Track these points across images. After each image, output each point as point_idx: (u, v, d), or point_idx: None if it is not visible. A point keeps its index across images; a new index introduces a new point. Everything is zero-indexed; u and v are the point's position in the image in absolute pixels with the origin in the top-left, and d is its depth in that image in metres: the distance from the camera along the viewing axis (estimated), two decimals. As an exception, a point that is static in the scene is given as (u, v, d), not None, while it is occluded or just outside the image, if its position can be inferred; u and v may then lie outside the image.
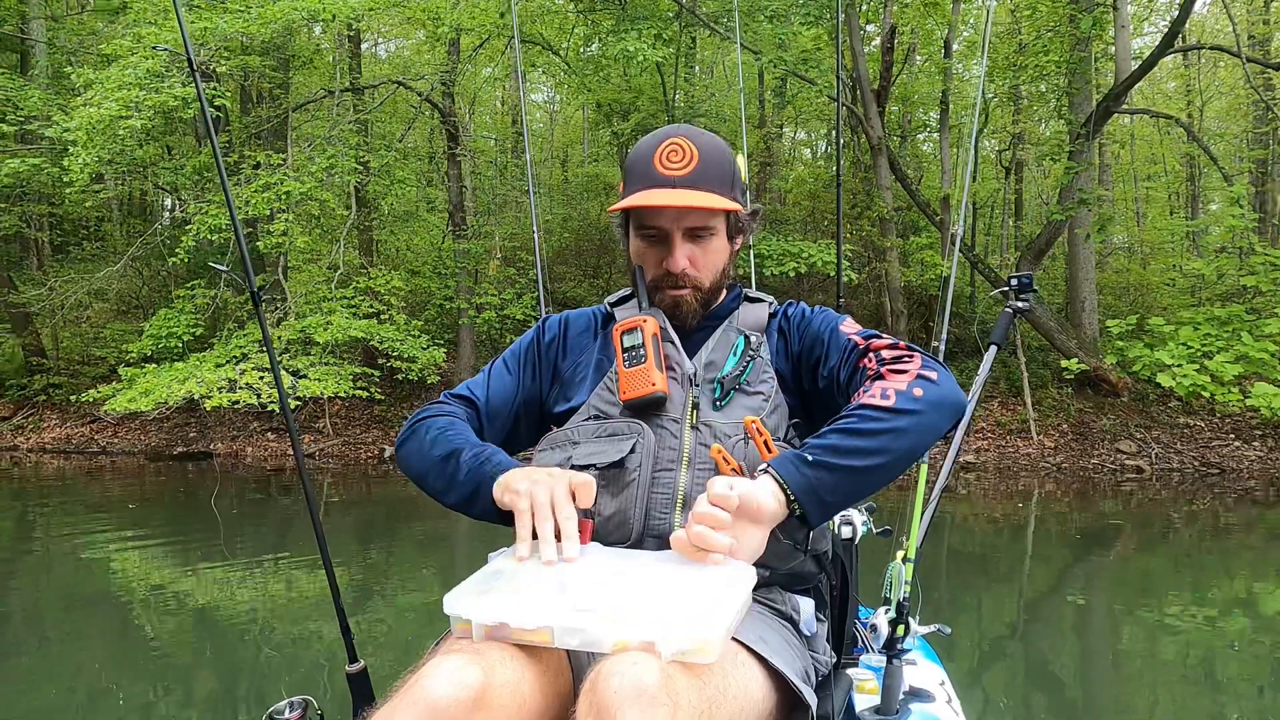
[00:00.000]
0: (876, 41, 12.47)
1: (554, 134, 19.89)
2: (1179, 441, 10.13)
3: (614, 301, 1.49)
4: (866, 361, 1.27)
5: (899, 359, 1.24)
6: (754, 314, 1.44)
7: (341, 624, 1.72)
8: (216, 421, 12.36)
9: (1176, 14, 10.14)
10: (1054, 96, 11.59)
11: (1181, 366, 8.48)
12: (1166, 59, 12.01)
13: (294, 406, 10.33)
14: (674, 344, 1.36)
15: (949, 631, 1.90)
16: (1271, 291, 9.37)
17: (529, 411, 1.46)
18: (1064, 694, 3.67)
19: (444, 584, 1.11)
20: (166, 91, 9.30)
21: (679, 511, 1.26)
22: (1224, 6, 12.34)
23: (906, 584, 1.83)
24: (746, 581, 1.11)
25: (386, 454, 11.11)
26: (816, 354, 1.36)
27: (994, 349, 2.16)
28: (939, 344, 2.25)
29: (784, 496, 1.13)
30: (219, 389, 9.71)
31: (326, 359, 10.45)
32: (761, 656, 1.16)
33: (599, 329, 1.48)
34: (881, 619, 1.81)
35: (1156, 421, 10.42)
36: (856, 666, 1.83)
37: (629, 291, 1.47)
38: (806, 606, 1.34)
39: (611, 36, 10.11)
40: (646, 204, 1.30)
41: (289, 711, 1.35)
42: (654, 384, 1.28)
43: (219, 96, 10.65)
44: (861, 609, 1.93)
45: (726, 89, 15.28)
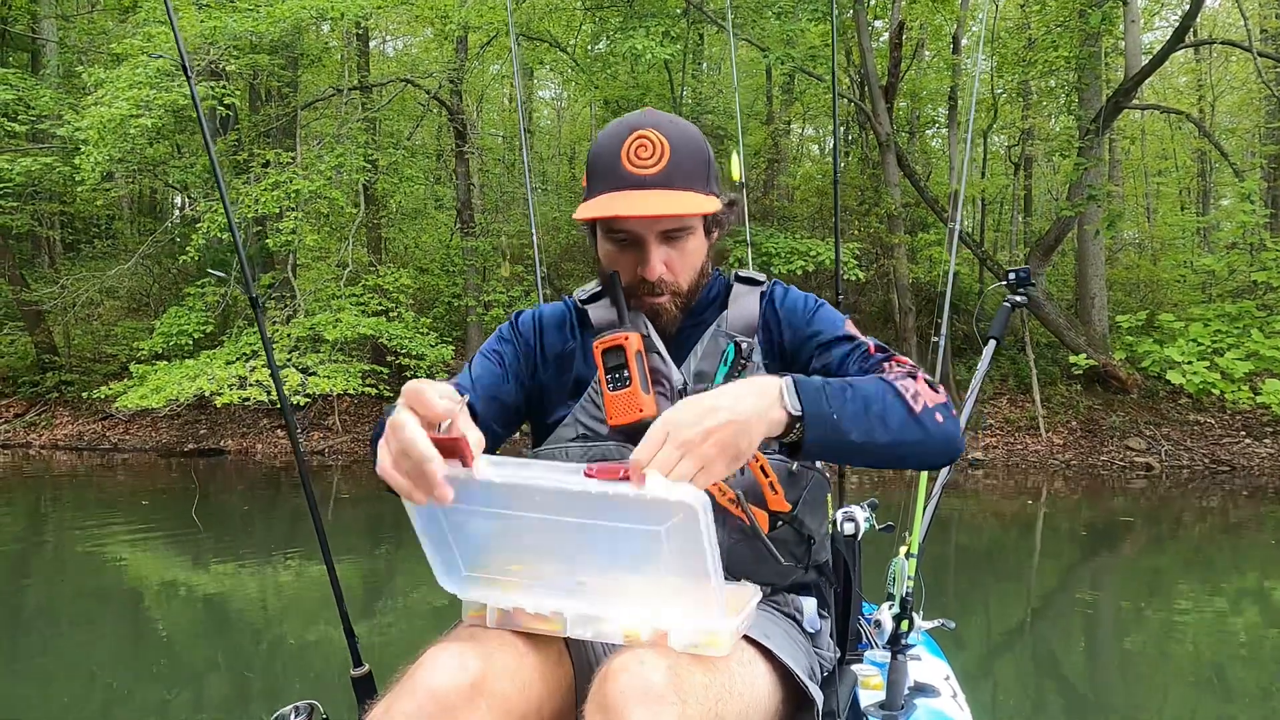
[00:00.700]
0: (885, 37, 12.42)
1: (561, 131, 19.89)
2: (1189, 439, 10.08)
3: (585, 299, 1.39)
4: (889, 368, 1.19)
5: (931, 384, 1.16)
6: (745, 310, 1.35)
7: (346, 628, 1.71)
8: (227, 418, 12.43)
9: (1187, 8, 10.08)
10: (1063, 92, 11.54)
11: (1191, 363, 8.44)
12: (1177, 53, 11.95)
13: (303, 404, 10.37)
14: (659, 354, 1.29)
15: (953, 626, 1.91)
16: (1283, 287, 9.32)
17: (513, 399, 1.36)
18: (1072, 690, 3.66)
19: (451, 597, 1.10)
20: (176, 90, 9.36)
21: None
22: (1235, 0, 12.25)
23: (910, 579, 1.84)
24: (753, 593, 1.11)
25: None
26: (810, 350, 1.29)
27: (993, 343, 2.17)
28: (939, 339, 2.25)
29: (796, 403, 1.02)
30: (229, 386, 9.76)
31: (335, 356, 10.49)
32: (768, 652, 1.15)
33: (574, 326, 1.39)
34: (885, 615, 1.82)
35: (1166, 418, 10.36)
36: (861, 662, 1.83)
37: (599, 288, 1.37)
38: (809, 605, 1.34)
39: (619, 34, 10.11)
40: (616, 215, 1.22)
41: (294, 716, 1.35)
42: (641, 410, 1.21)
43: (229, 95, 10.71)
44: (865, 605, 1.94)
45: (734, 85, 15.24)
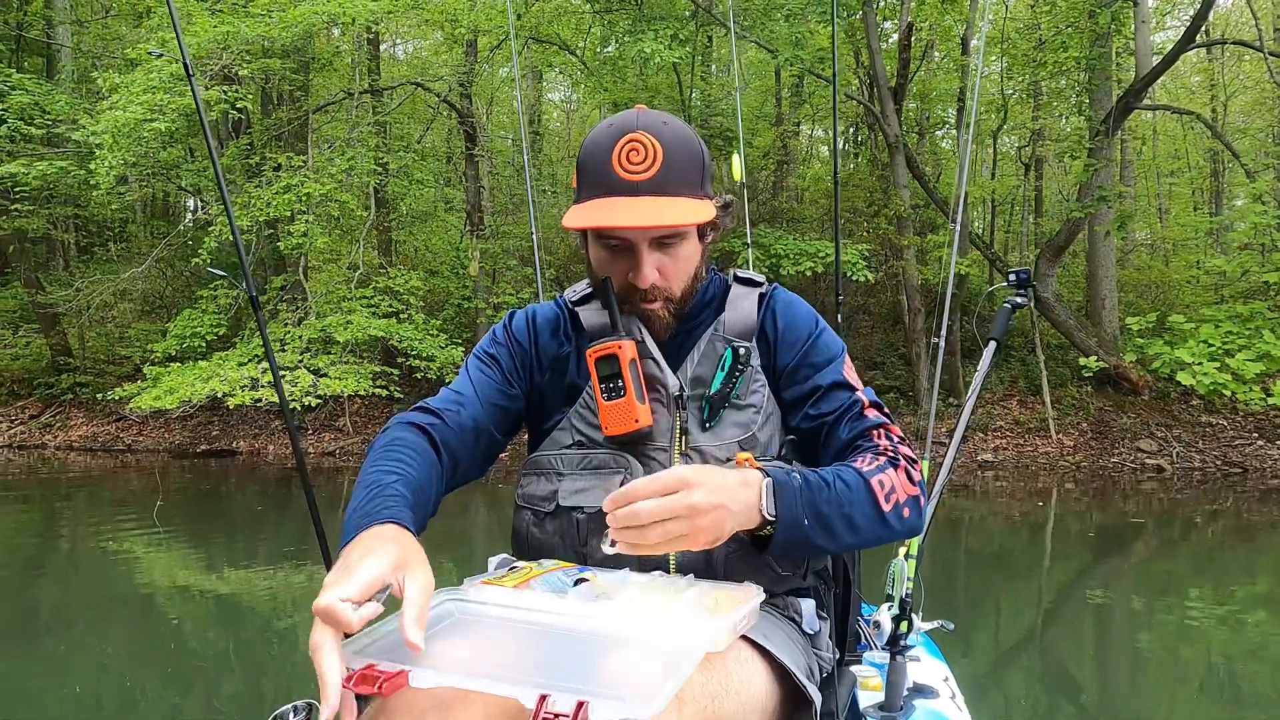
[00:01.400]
0: (894, 38, 12.41)
1: (570, 133, 19.94)
2: (1201, 440, 10.02)
3: (576, 300, 1.37)
4: (878, 437, 1.23)
5: (912, 462, 1.20)
6: (743, 312, 1.33)
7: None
8: (239, 420, 12.53)
9: (1198, 8, 10.03)
10: (1074, 92, 11.50)
11: (1202, 365, 8.40)
12: (1190, 53, 11.89)
13: (314, 405, 10.45)
14: (654, 359, 1.27)
15: (951, 627, 1.92)
16: (1294, 289, 9.27)
17: (512, 404, 1.34)
18: (1081, 693, 3.65)
19: (459, 583, 1.10)
20: (189, 95, 9.44)
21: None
22: (1247, 0, 12.18)
23: (909, 580, 1.85)
24: (755, 593, 1.12)
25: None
26: (805, 389, 1.29)
27: (993, 345, 2.18)
28: (938, 340, 2.27)
29: (772, 509, 1.06)
30: (241, 387, 9.84)
31: (346, 358, 10.57)
32: (766, 652, 1.15)
33: (567, 329, 1.38)
34: (884, 616, 1.83)
35: (1178, 420, 10.31)
36: (860, 663, 1.83)
37: (590, 288, 1.36)
38: (807, 607, 1.33)
39: (628, 38, 10.14)
40: (607, 225, 1.20)
41: (293, 715, 1.36)
42: (637, 420, 1.22)
43: (241, 99, 10.80)
44: (864, 606, 1.94)
45: (743, 87, 15.26)
